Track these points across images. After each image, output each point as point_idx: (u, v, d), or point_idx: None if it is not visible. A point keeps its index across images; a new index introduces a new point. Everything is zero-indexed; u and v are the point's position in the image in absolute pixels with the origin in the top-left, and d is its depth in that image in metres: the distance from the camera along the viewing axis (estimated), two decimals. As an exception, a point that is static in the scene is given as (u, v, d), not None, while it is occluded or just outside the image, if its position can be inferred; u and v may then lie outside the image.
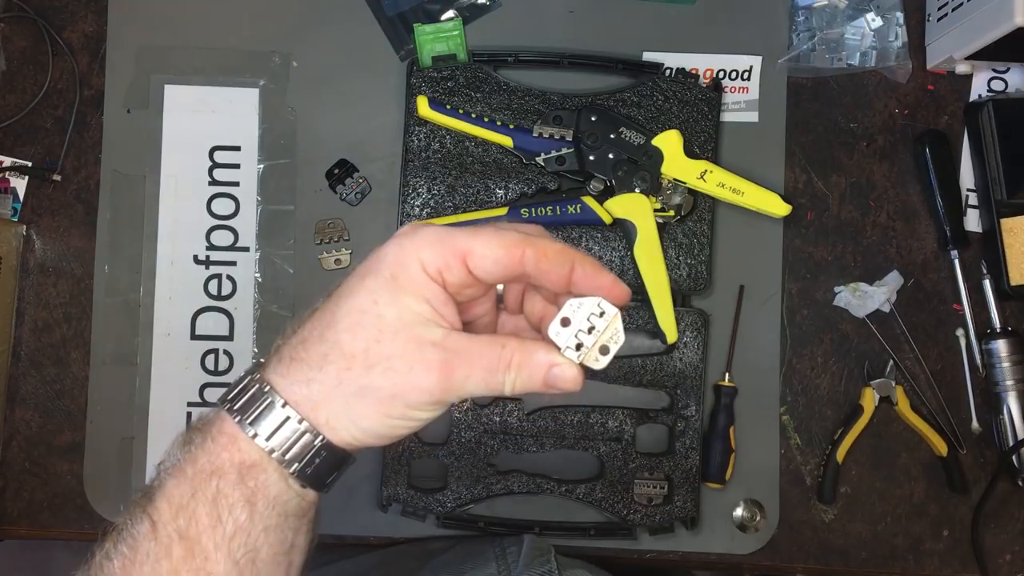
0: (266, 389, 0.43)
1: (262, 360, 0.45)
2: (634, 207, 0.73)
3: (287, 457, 0.42)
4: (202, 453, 0.43)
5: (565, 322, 0.42)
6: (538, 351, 0.42)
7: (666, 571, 0.83)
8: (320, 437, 0.42)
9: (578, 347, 0.42)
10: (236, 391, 0.43)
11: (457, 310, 0.43)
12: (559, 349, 0.42)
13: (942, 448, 0.76)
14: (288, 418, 0.42)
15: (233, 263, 0.77)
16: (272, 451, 0.42)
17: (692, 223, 0.76)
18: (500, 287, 0.47)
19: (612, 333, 0.42)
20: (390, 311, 0.41)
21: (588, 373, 0.43)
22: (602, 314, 0.42)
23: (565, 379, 0.42)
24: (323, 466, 0.43)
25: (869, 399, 0.76)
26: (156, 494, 0.43)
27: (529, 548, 0.68)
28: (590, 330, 0.42)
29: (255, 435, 0.42)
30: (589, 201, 0.74)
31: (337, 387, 0.42)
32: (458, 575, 0.67)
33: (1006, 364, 0.76)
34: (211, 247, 0.77)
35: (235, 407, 0.43)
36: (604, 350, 0.42)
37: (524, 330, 0.48)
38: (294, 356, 0.43)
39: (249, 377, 0.44)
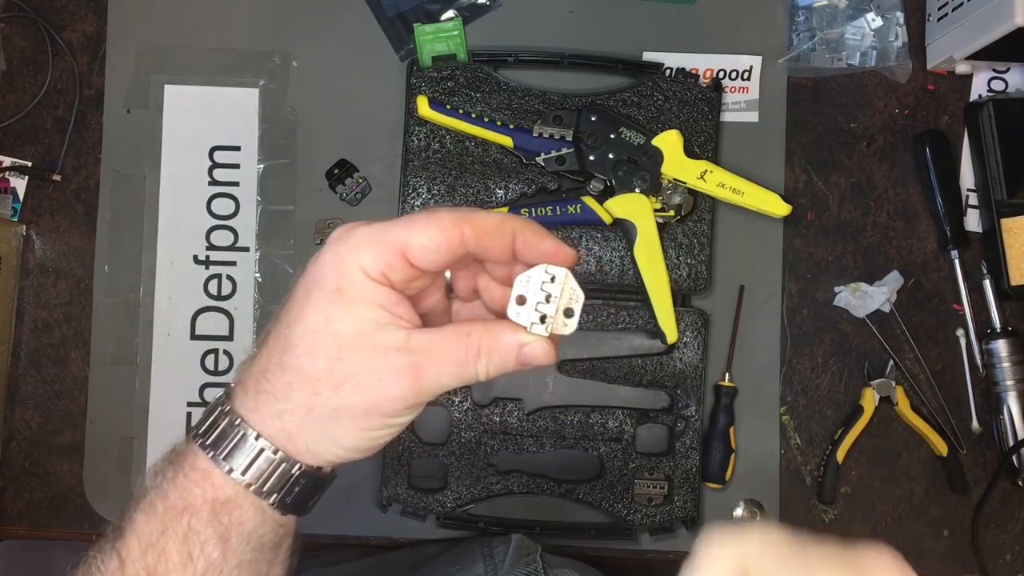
0: (237, 423, 0.41)
1: (230, 388, 0.44)
2: (634, 207, 0.73)
3: (265, 489, 0.41)
4: (173, 488, 0.42)
5: (521, 300, 0.41)
6: (504, 333, 0.41)
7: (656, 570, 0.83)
8: (298, 465, 0.41)
9: (543, 319, 0.41)
10: (207, 425, 0.42)
11: (411, 306, 0.42)
12: (525, 327, 0.41)
13: (942, 448, 0.76)
14: (263, 450, 0.41)
15: (233, 263, 0.77)
16: (249, 485, 0.41)
17: (692, 223, 0.76)
18: (448, 275, 0.46)
19: (570, 293, 0.41)
20: (344, 325, 0.40)
21: (561, 340, 0.42)
22: (553, 279, 0.41)
23: (537, 355, 0.41)
24: (303, 492, 0.42)
25: (869, 399, 0.76)
26: (126, 529, 0.42)
27: (516, 547, 0.68)
28: (548, 298, 0.41)
29: (230, 470, 0.41)
30: (589, 201, 0.74)
31: (309, 414, 0.41)
32: (444, 574, 0.67)
33: (1006, 364, 0.76)
34: (211, 247, 0.77)
35: (207, 442, 0.42)
36: (568, 313, 0.41)
37: (481, 316, 0.47)
38: (259, 388, 0.41)
39: (219, 410, 0.42)
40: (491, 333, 0.41)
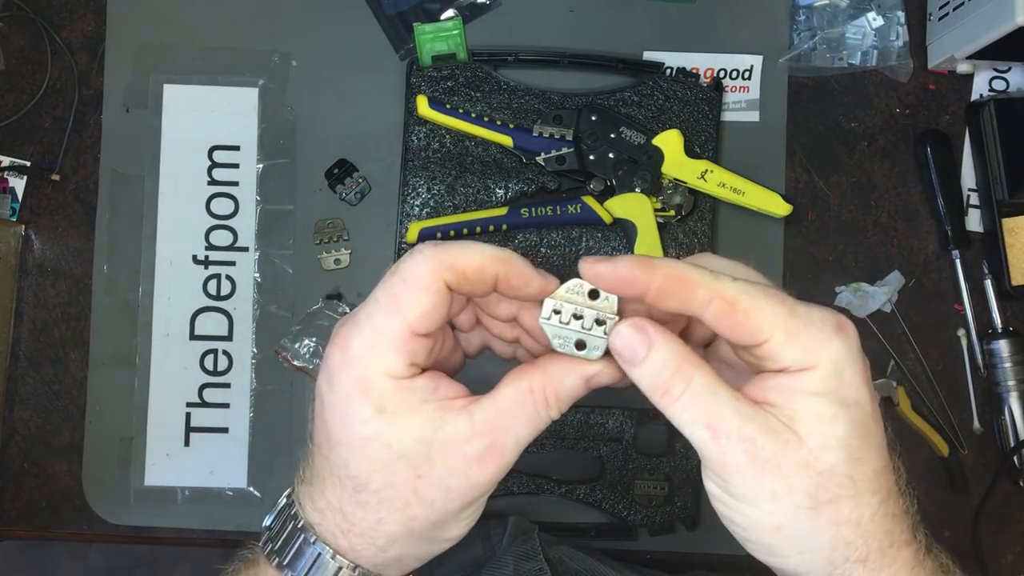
0: (332, 555, 0.40)
1: (297, 507, 0.41)
2: (634, 207, 0.73)
3: None
4: None
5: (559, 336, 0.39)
6: (565, 376, 0.39)
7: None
8: None
9: (585, 344, 0.39)
10: (290, 556, 0.40)
11: (447, 376, 0.39)
12: (583, 358, 0.39)
13: (943, 448, 0.76)
14: (341, 568, 0.40)
15: (232, 263, 0.77)
16: None
17: (693, 223, 0.75)
18: None
19: (603, 304, 0.39)
20: (406, 443, 0.37)
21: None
22: (590, 295, 0.39)
23: (605, 382, 0.40)
24: None
25: (870, 399, 0.76)
26: None
27: (512, 527, 0.68)
28: (580, 320, 0.39)
29: None
30: (589, 201, 0.74)
31: (410, 536, 0.39)
32: (442, 558, 0.67)
33: (1007, 364, 0.76)
34: (210, 247, 0.76)
35: (285, 563, 0.40)
36: (600, 322, 0.39)
37: (492, 340, 0.45)
38: (347, 531, 0.39)
39: (303, 538, 0.40)
40: (553, 380, 0.39)
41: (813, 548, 0.37)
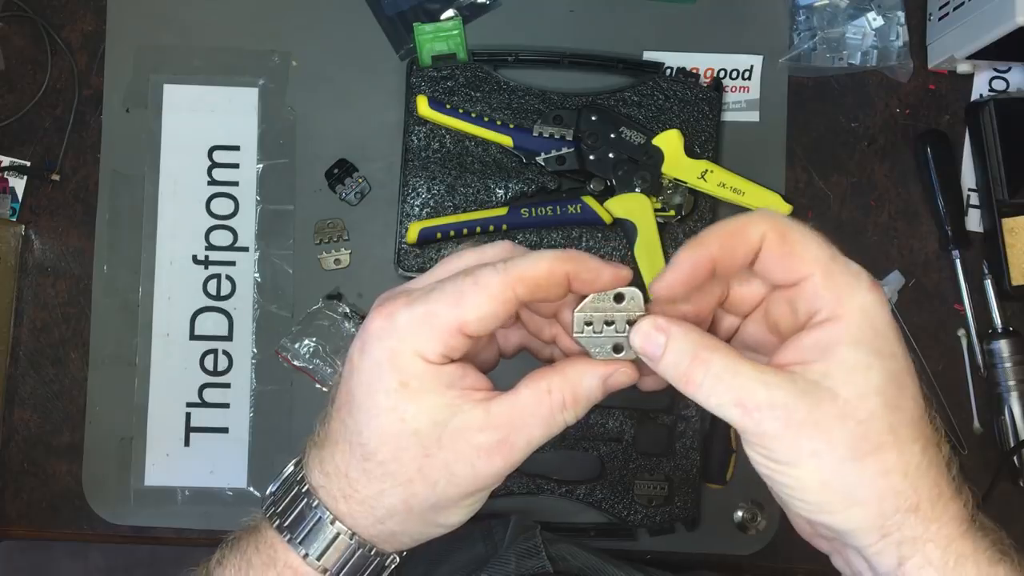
0: (329, 518, 0.41)
1: (308, 481, 0.42)
2: (634, 207, 0.73)
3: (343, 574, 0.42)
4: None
5: (592, 340, 0.40)
6: (583, 377, 0.40)
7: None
8: (373, 548, 0.42)
9: (617, 348, 0.40)
10: (291, 519, 0.42)
11: (475, 369, 0.40)
12: (603, 360, 0.40)
13: (943, 449, 0.76)
14: (359, 549, 0.41)
15: (232, 263, 0.77)
16: (326, 571, 0.41)
17: (693, 223, 0.75)
18: None
19: (629, 305, 0.40)
20: (421, 421, 0.38)
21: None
22: (617, 298, 0.40)
23: (621, 383, 0.41)
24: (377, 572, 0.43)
25: (870, 399, 0.76)
26: None
27: (515, 526, 0.68)
28: (612, 323, 0.40)
29: (325, 570, 0.41)
30: (589, 201, 0.74)
31: (409, 514, 0.40)
32: (445, 555, 0.67)
33: (1008, 364, 0.76)
34: (210, 247, 0.77)
35: (296, 538, 0.41)
36: (631, 323, 0.40)
37: (529, 340, 0.46)
38: (348, 496, 0.41)
39: (304, 501, 0.42)
40: (569, 381, 0.40)
41: (862, 500, 0.37)
